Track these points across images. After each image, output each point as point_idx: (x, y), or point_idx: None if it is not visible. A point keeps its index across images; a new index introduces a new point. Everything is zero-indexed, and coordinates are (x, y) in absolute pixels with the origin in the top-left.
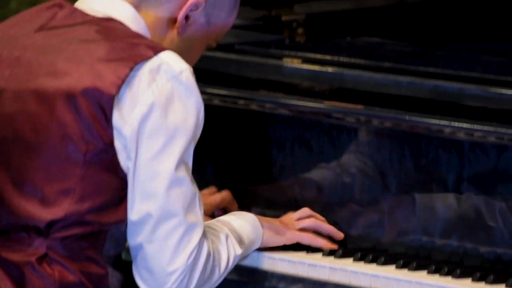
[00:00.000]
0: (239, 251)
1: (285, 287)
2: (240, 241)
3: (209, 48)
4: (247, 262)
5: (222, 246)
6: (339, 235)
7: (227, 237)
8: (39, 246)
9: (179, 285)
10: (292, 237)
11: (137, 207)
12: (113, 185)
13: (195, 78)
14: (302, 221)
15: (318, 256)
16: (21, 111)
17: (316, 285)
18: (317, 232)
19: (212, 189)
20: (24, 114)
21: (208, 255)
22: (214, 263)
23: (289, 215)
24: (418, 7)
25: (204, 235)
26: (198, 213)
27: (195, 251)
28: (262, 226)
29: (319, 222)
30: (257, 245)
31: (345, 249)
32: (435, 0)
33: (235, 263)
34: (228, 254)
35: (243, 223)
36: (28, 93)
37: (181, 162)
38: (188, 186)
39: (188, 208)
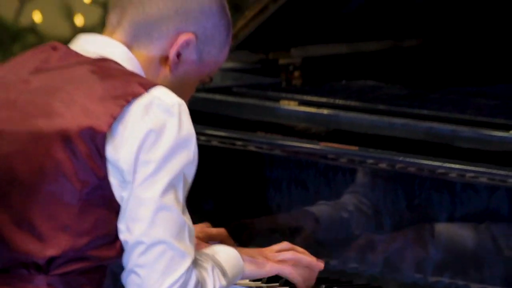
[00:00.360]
0: (223, 282)
1: None
2: (224, 274)
3: (208, 91)
4: None
5: (209, 277)
6: (319, 266)
7: (213, 268)
8: (39, 283)
9: None
10: (271, 269)
11: (126, 233)
12: (110, 219)
13: (194, 119)
14: (282, 253)
15: None
16: (18, 152)
17: None
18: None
19: (207, 223)
20: (21, 155)
21: (197, 284)
22: None
23: (270, 247)
24: (412, 51)
25: (193, 264)
26: (187, 243)
27: (183, 278)
28: (244, 260)
29: (299, 255)
30: (239, 279)
31: (339, 285)
32: (429, 44)
33: None
34: (214, 285)
35: (226, 257)
36: (24, 134)
37: (169, 189)
38: (176, 214)
39: (177, 236)
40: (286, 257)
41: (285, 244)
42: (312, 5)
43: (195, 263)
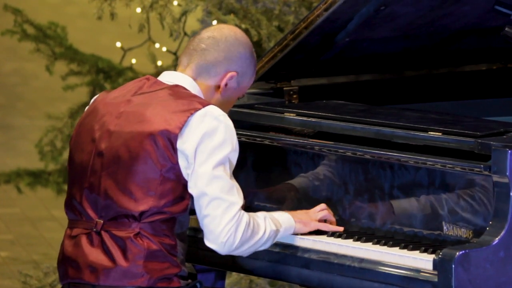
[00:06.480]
0: (274, 227)
1: (308, 256)
2: (276, 225)
3: (240, 106)
4: (286, 241)
5: (261, 221)
6: (340, 228)
7: (265, 217)
8: (135, 227)
9: (228, 239)
10: (314, 226)
11: (196, 195)
12: (179, 188)
13: (233, 125)
14: (321, 212)
15: (332, 238)
16: (122, 145)
17: (327, 254)
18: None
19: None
20: (124, 147)
21: (248, 222)
22: (253, 229)
23: (314, 209)
24: (367, 82)
25: (245, 211)
26: (235, 195)
27: (236, 218)
28: (295, 222)
29: (329, 215)
30: (290, 233)
31: (347, 233)
32: (378, 78)
33: (273, 237)
34: (265, 226)
35: (280, 216)
36: (127, 133)
37: (218, 165)
38: (225, 180)
39: (228, 192)
40: (323, 216)
41: (323, 205)
42: (303, 54)
43: (252, 214)
